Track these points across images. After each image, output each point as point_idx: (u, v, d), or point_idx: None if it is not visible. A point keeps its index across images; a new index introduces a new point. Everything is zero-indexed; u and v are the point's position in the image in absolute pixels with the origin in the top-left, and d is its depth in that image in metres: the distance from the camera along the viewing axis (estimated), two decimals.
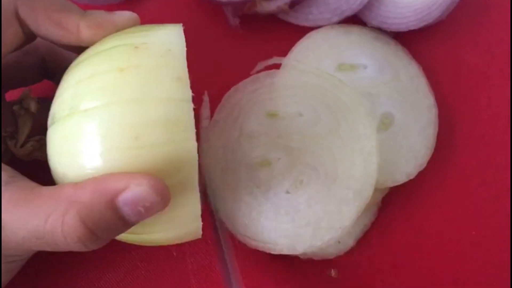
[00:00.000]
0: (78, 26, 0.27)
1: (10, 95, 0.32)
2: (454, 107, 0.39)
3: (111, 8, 0.39)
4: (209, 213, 0.34)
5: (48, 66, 0.32)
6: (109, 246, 0.27)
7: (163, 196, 0.23)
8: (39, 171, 0.27)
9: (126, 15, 0.28)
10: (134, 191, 0.23)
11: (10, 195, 0.24)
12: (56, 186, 0.25)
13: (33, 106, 0.30)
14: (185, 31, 0.28)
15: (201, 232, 0.27)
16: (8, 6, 0.26)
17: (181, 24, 0.28)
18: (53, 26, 0.27)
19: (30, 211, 0.23)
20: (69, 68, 0.27)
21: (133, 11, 0.34)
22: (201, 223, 0.26)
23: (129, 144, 0.23)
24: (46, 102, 0.31)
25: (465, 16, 0.40)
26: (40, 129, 0.30)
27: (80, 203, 0.23)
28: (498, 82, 0.39)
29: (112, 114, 0.24)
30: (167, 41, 0.26)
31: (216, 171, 0.34)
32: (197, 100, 0.37)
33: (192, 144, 0.24)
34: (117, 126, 0.24)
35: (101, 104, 0.24)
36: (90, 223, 0.23)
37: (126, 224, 0.24)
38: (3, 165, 0.25)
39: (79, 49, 0.28)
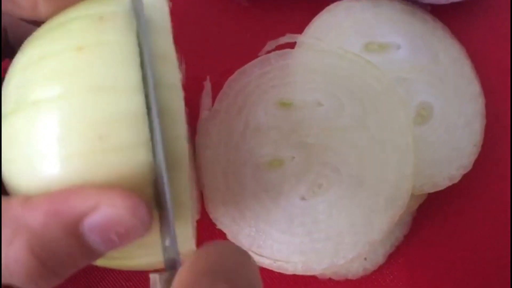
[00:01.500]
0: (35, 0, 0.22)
1: None
2: (505, 96, 0.34)
3: None
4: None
5: (10, 45, 0.28)
6: None
7: (142, 220, 0.18)
8: None
9: None
10: (104, 214, 0.18)
11: None
12: (3, 199, 0.19)
13: None
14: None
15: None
16: None
17: None
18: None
19: None
20: (23, 47, 0.22)
21: None
22: (194, 245, 0.21)
23: (92, 146, 0.18)
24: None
25: None
26: None
27: (31, 228, 0.18)
28: None
29: (69, 107, 0.19)
30: (143, 10, 0.20)
31: (216, 172, 0.30)
32: (197, 87, 0.32)
33: (181, 145, 0.19)
34: (75, 123, 0.19)
35: (54, 94, 0.19)
36: (42, 255, 0.18)
37: (92, 255, 0.19)
38: None
39: (41, 23, 0.23)
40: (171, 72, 0.20)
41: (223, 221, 0.30)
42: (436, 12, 0.34)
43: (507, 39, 0.35)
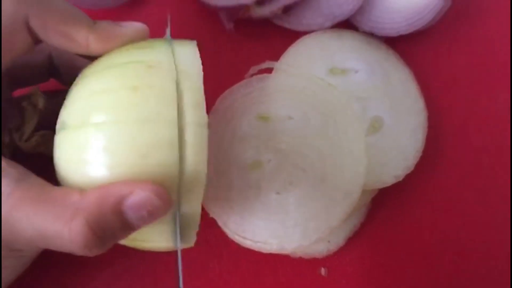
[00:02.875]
0: (88, 39, 0.28)
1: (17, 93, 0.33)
2: (444, 111, 0.40)
3: (112, 12, 0.40)
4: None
5: (55, 66, 0.34)
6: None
7: (165, 202, 0.25)
8: (38, 163, 0.29)
9: (135, 27, 0.29)
10: (138, 196, 0.24)
11: (21, 194, 0.25)
12: (63, 189, 0.26)
13: (41, 103, 0.31)
14: (180, 35, 0.29)
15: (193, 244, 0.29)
16: (17, 15, 0.27)
17: (195, 42, 0.28)
18: (62, 39, 0.28)
19: (39, 212, 0.25)
20: (81, 76, 0.28)
21: (132, 14, 0.35)
22: (195, 237, 0.28)
23: (136, 161, 0.25)
24: (52, 98, 0.32)
25: (455, 21, 0.41)
26: (45, 125, 0.32)
27: (87, 209, 0.24)
28: (487, 87, 0.40)
29: (123, 131, 0.25)
30: (182, 62, 0.27)
31: (209, 172, 0.35)
32: None
33: (202, 169, 0.26)
34: (126, 143, 0.25)
35: (113, 120, 0.25)
36: (96, 229, 0.24)
37: (130, 228, 0.25)
38: (14, 163, 0.27)
39: (89, 56, 0.30)
40: (201, 115, 0.26)
41: (215, 211, 0.35)
42: (389, 42, 0.40)
43: (446, 64, 0.41)
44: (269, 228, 0.35)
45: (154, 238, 0.28)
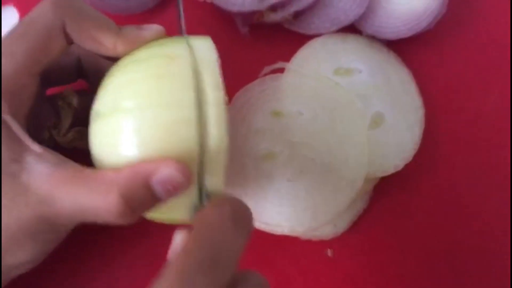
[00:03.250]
0: (115, 43, 0.32)
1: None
2: (440, 108, 0.43)
3: (135, 17, 0.44)
4: None
5: (83, 67, 0.37)
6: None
7: (187, 177, 0.28)
8: (75, 157, 0.32)
9: (154, 28, 0.33)
10: (165, 172, 0.28)
11: (60, 175, 0.29)
12: (98, 170, 0.30)
13: (75, 101, 0.35)
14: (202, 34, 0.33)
15: None
16: (56, 21, 0.31)
17: (209, 37, 0.32)
18: (94, 43, 0.32)
19: (78, 189, 0.28)
20: (110, 72, 0.32)
21: (153, 20, 0.38)
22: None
23: (162, 139, 0.28)
24: (82, 96, 0.36)
25: (451, 25, 0.45)
26: (78, 121, 0.35)
27: (121, 184, 0.28)
28: (480, 86, 0.44)
29: (149, 114, 0.28)
30: (199, 52, 0.30)
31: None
32: None
33: (224, 142, 0.29)
34: (152, 125, 0.28)
35: (139, 105, 0.29)
36: (129, 200, 0.28)
37: (157, 200, 0.29)
38: (52, 151, 0.30)
39: (113, 58, 0.33)
40: (219, 95, 0.29)
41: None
42: (389, 44, 0.43)
43: (442, 65, 0.44)
44: (281, 212, 0.38)
45: (179, 210, 0.31)
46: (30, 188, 0.29)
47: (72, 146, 0.36)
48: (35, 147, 0.30)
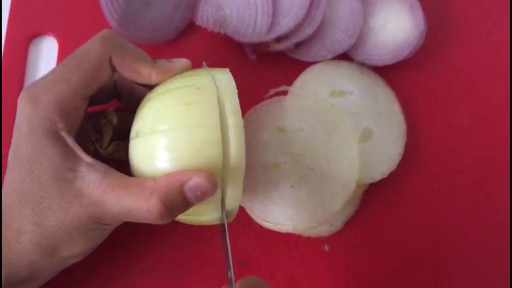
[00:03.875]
0: (150, 73, 0.38)
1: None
2: (420, 123, 0.50)
3: (158, 46, 0.50)
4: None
5: (118, 91, 0.43)
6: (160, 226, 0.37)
7: (213, 185, 0.34)
8: (113, 165, 0.37)
9: (182, 62, 0.39)
10: (196, 181, 0.33)
11: (109, 182, 0.35)
12: (140, 178, 0.35)
13: (115, 120, 0.41)
14: (214, 63, 0.38)
15: (234, 217, 0.38)
16: (104, 55, 0.37)
17: (228, 69, 0.38)
18: (133, 73, 0.38)
19: (124, 194, 0.34)
20: (147, 99, 0.37)
21: (174, 48, 0.44)
22: (235, 214, 0.37)
23: (192, 155, 0.34)
24: (120, 114, 0.42)
25: (429, 53, 0.51)
26: (116, 136, 0.41)
27: (160, 190, 0.34)
28: (453, 105, 0.51)
29: (181, 134, 0.34)
30: (221, 83, 0.36)
31: None
32: None
33: (242, 159, 0.34)
34: (183, 143, 0.34)
35: (173, 127, 0.34)
36: (167, 204, 0.33)
37: (188, 204, 0.34)
38: (100, 162, 0.36)
39: (145, 84, 0.39)
40: (238, 119, 0.35)
41: (243, 201, 0.44)
42: (377, 70, 0.49)
43: (423, 86, 0.50)
44: (285, 213, 0.44)
45: (206, 213, 0.37)
46: (83, 193, 0.35)
47: (111, 157, 0.42)
48: (87, 158, 0.36)
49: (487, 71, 0.52)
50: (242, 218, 0.46)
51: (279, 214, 0.44)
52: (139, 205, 0.34)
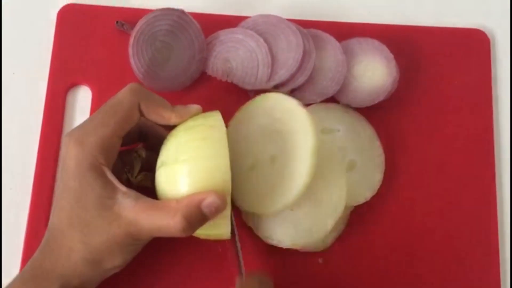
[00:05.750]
0: (170, 116, 0.45)
1: None
2: (397, 154, 0.56)
3: (176, 93, 0.56)
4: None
5: (142, 133, 0.50)
6: (179, 247, 0.46)
7: (224, 202, 0.40)
8: (142, 192, 0.43)
9: (196, 107, 0.45)
10: (211, 199, 0.40)
11: (141, 205, 0.41)
12: (165, 201, 0.41)
13: (144, 154, 0.48)
14: (223, 107, 0.46)
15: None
16: (134, 102, 0.43)
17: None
18: (157, 116, 0.44)
19: (153, 214, 0.40)
20: (170, 135, 0.44)
21: (191, 94, 0.52)
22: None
23: (207, 179, 0.40)
24: (147, 151, 0.49)
25: (402, 96, 0.58)
26: (144, 168, 0.48)
27: (182, 209, 0.39)
28: (425, 138, 0.57)
29: (199, 164, 0.41)
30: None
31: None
32: None
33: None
34: (201, 170, 0.41)
35: (192, 157, 0.41)
36: (188, 219, 0.39)
37: (205, 219, 0.40)
38: (132, 189, 0.42)
39: (166, 126, 0.47)
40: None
41: (251, 222, 0.51)
42: (359, 110, 0.55)
43: (397, 123, 0.58)
44: (286, 232, 0.49)
45: (219, 228, 0.43)
46: (121, 215, 0.42)
47: (140, 185, 0.49)
48: (122, 188, 0.43)
49: (452, 108, 0.59)
50: (248, 235, 0.51)
51: (281, 234, 0.49)
52: (166, 222, 0.40)
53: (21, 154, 0.54)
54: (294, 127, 0.47)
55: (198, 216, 0.40)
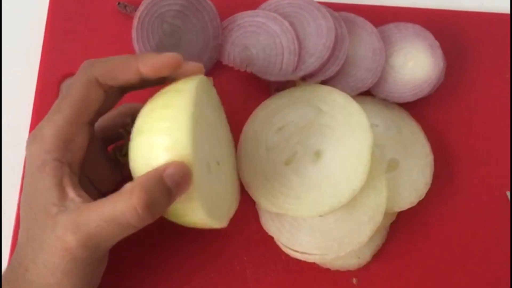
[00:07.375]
0: (137, 68, 0.37)
1: None
2: (448, 154, 0.51)
3: None
4: None
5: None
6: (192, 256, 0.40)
7: (188, 173, 0.34)
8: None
9: (170, 54, 0.37)
10: (172, 168, 0.34)
11: (86, 205, 0.34)
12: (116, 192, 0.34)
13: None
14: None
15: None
16: (88, 79, 0.37)
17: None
18: (121, 76, 0.37)
19: (102, 206, 0.34)
20: (146, 102, 0.39)
21: None
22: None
23: (166, 154, 0.35)
24: None
25: (447, 91, 0.53)
26: None
27: (140, 183, 0.33)
28: (472, 139, 0.51)
29: (153, 138, 0.35)
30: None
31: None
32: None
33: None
34: (155, 145, 0.35)
35: (149, 129, 0.36)
36: (149, 192, 0.33)
37: (171, 194, 0.34)
38: (83, 193, 0.36)
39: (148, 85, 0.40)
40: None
41: (272, 230, 0.45)
42: (399, 104, 0.50)
43: (444, 119, 0.52)
44: (313, 242, 0.44)
45: (191, 213, 0.37)
46: (59, 223, 0.34)
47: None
48: (71, 192, 0.35)
49: (503, 105, 0.53)
50: (270, 249, 0.46)
51: (306, 243, 0.44)
52: (122, 207, 0.33)
53: (10, 151, 0.51)
54: (346, 122, 0.45)
55: (162, 190, 0.34)
